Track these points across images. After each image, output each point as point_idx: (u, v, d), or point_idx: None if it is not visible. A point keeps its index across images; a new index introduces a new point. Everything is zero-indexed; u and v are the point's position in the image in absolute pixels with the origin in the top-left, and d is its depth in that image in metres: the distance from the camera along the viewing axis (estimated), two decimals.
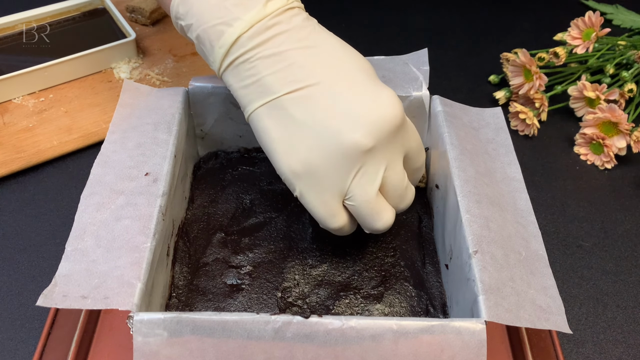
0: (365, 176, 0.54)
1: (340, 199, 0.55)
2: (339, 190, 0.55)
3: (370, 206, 0.55)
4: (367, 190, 0.55)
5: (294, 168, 0.54)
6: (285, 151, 0.55)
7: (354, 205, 0.55)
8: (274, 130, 0.55)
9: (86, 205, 0.55)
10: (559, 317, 0.50)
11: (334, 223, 0.56)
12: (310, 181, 0.54)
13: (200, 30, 0.57)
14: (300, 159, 0.54)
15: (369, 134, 0.53)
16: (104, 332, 0.60)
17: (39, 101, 0.85)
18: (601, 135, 0.81)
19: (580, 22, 0.85)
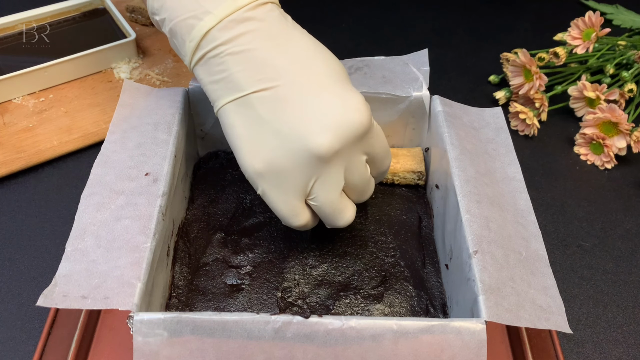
0: (329, 178, 0.55)
1: (303, 198, 0.56)
2: (301, 190, 0.55)
3: (334, 206, 0.57)
4: (330, 192, 0.56)
5: (257, 167, 0.54)
6: (250, 150, 0.55)
7: (316, 205, 0.56)
8: (240, 127, 0.55)
9: (86, 206, 0.55)
10: (559, 317, 0.50)
11: (297, 222, 0.57)
12: (273, 181, 0.55)
13: (172, 24, 0.57)
14: (264, 158, 0.54)
15: (335, 138, 0.53)
16: (104, 332, 0.60)
17: (39, 101, 0.85)
18: (601, 135, 0.81)
19: (580, 22, 0.85)
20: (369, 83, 0.69)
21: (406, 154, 0.71)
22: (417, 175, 0.70)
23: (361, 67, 0.71)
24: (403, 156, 0.71)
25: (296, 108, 0.53)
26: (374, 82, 0.69)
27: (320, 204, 0.56)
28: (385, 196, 0.70)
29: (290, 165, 0.54)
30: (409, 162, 0.70)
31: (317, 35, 0.59)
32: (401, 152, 0.71)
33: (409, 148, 0.72)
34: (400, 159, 0.70)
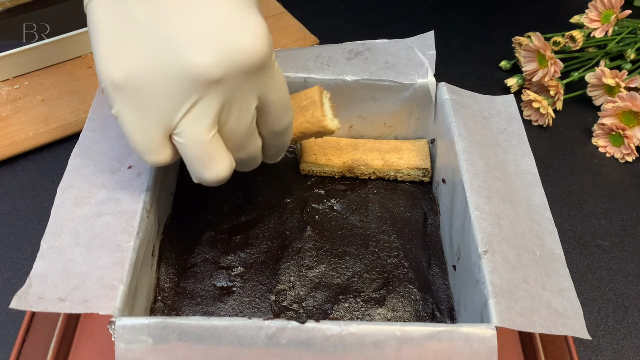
0: (202, 112, 0.49)
1: (166, 132, 0.50)
2: (165, 119, 0.49)
3: (202, 149, 0.50)
4: (201, 129, 0.49)
5: (115, 77, 0.48)
6: (111, 54, 0.48)
7: (182, 143, 0.50)
8: (106, 27, 0.49)
9: (63, 199, 0.55)
10: (576, 321, 0.50)
11: (152, 158, 0.51)
12: (132, 99, 0.48)
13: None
14: (125, 67, 0.48)
15: (219, 63, 0.47)
16: (83, 338, 0.60)
17: (13, 89, 0.85)
18: (621, 125, 0.81)
19: (598, 3, 0.85)
20: (370, 69, 0.69)
21: (410, 148, 0.71)
22: (422, 172, 0.70)
23: (362, 51, 0.71)
24: (407, 150, 0.71)
25: (180, 16, 0.48)
26: (376, 67, 0.69)
27: (187, 142, 0.50)
28: (387, 191, 0.70)
29: (156, 82, 0.48)
30: (413, 158, 0.70)
31: (314, 17, 0.59)
32: (405, 146, 0.71)
33: (413, 140, 0.72)
34: (403, 153, 0.70)
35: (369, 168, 0.70)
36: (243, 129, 0.52)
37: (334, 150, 0.70)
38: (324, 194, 0.69)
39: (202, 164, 0.51)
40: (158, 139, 0.50)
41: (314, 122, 0.60)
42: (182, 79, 0.47)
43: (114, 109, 0.49)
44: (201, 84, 0.47)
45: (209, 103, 0.48)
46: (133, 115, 0.49)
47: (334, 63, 0.70)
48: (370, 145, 0.71)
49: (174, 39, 0.47)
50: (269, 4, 1.00)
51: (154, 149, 0.50)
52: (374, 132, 0.73)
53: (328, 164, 0.69)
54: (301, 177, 0.70)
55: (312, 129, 0.61)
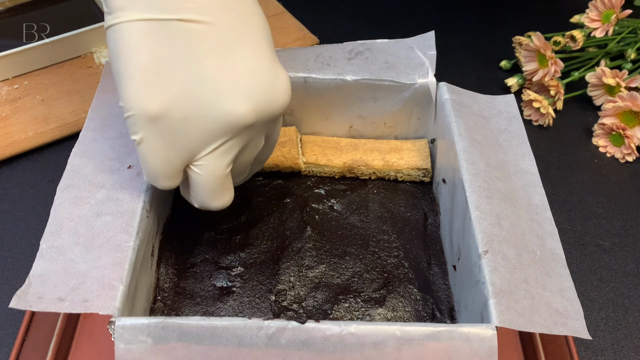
0: (227, 151, 0.52)
1: (187, 161, 0.52)
2: (191, 152, 0.51)
3: (219, 182, 0.54)
4: (222, 165, 0.53)
5: (150, 107, 0.49)
6: (148, 83, 0.49)
7: (200, 175, 0.53)
8: (147, 54, 0.49)
9: (63, 199, 0.55)
10: (577, 321, 0.50)
11: (165, 184, 0.53)
12: (164, 131, 0.50)
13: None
14: (165, 99, 0.49)
15: (255, 112, 0.51)
16: (83, 338, 0.60)
17: (13, 88, 0.85)
18: (622, 125, 0.81)
19: (599, 3, 0.85)
20: (370, 69, 0.69)
21: (411, 148, 0.71)
22: (422, 173, 0.70)
23: (362, 51, 0.71)
24: (407, 150, 0.71)
25: (223, 57, 0.50)
26: (376, 67, 0.69)
27: (206, 175, 0.53)
28: (388, 191, 0.69)
29: (194, 120, 0.50)
30: (413, 158, 0.70)
31: (314, 17, 0.59)
32: (405, 146, 0.71)
33: (414, 140, 0.72)
34: (404, 154, 0.70)
35: (369, 168, 0.70)
36: (249, 163, 0.57)
37: (334, 151, 0.70)
38: (324, 194, 0.69)
39: (214, 194, 0.54)
40: (177, 169, 0.53)
41: (289, 157, 0.69)
42: (219, 121, 0.50)
43: (138, 136, 0.50)
44: (235, 129, 0.51)
45: (235, 144, 0.52)
46: (159, 145, 0.51)
47: (334, 63, 0.70)
48: (370, 146, 0.71)
49: (216, 83, 0.50)
50: (269, 4, 1.00)
51: (172, 176, 0.53)
52: (374, 132, 0.73)
53: (328, 164, 0.69)
54: (301, 177, 0.70)
55: (286, 163, 0.69)
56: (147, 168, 0.52)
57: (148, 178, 0.53)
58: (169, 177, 0.53)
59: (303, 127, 0.73)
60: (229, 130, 0.51)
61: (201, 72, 0.49)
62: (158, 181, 0.53)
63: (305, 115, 0.72)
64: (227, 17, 0.50)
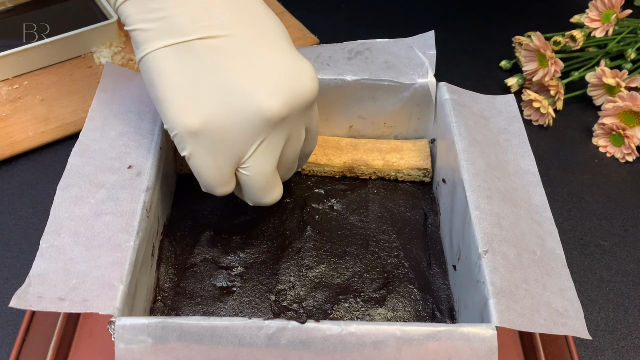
0: (269, 147, 0.54)
1: (236, 166, 0.55)
2: (237, 156, 0.54)
3: (267, 179, 0.56)
4: (268, 163, 0.55)
5: (192, 124, 0.52)
6: (185, 103, 0.52)
7: (249, 176, 0.56)
8: (176, 76, 0.52)
9: (63, 198, 0.55)
10: (577, 321, 0.50)
11: (221, 190, 0.57)
12: (208, 142, 0.53)
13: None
14: (202, 114, 0.52)
15: (286, 103, 0.53)
16: (83, 338, 0.60)
17: (13, 88, 0.85)
18: (622, 125, 0.81)
19: (599, 3, 0.85)
20: (370, 68, 0.69)
21: (411, 148, 0.71)
22: (422, 172, 0.70)
23: (362, 50, 0.71)
24: (407, 150, 0.71)
25: (247, 64, 0.52)
26: (376, 67, 0.69)
27: (254, 175, 0.55)
28: (388, 192, 0.69)
29: (232, 126, 0.52)
30: (413, 158, 0.70)
31: (314, 16, 0.59)
32: (405, 146, 0.71)
33: (414, 140, 0.72)
34: (404, 153, 0.70)
35: (369, 168, 0.70)
36: (295, 157, 0.59)
37: (335, 150, 0.70)
38: (324, 194, 0.69)
39: (264, 192, 0.57)
40: (229, 174, 0.56)
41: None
42: (254, 120, 0.52)
43: (187, 151, 0.54)
44: (271, 123, 0.53)
45: (276, 139, 0.54)
46: (207, 155, 0.54)
47: (334, 63, 0.70)
48: (370, 145, 0.71)
49: (245, 87, 0.52)
50: (269, 4, 0.99)
51: (225, 182, 0.56)
52: (374, 132, 0.73)
53: (328, 164, 0.69)
54: (301, 177, 0.70)
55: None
56: (201, 179, 0.56)
57: (204, 188, 0.57)
58: (223, 183, 0.56)
59: None
60: (265, 127, 0.53)
61: (230, 81, 0.52)
62: (214, 189, 0.56)
63: None
64: (242, 26, 0.53)
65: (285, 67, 0.53)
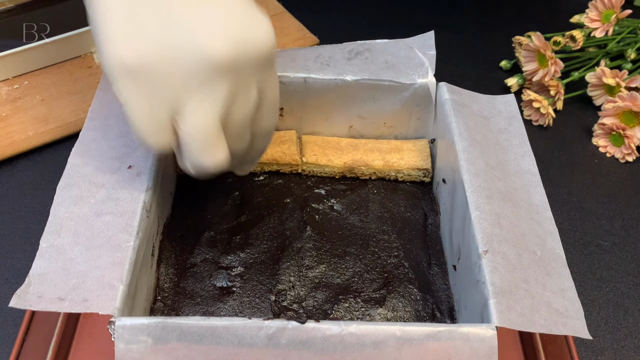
0: (210, 97, 0.50)
1: (172, 115, 0.50)
2: (173, 102, 0.50)
3: (206, 134, 0.50)
4: (207, 114, 0.50)
5: (127, 59, 0.48)
6: (123, 36, 0.48)
7: (186, 126, 0.50)
8: (115, 8, 0.49)
9: (63, 198, 0.55)
10: (577, 321, 0.50)
11: (156, 139, 0.51)
12: (142, 81, 0.49)
13: None
14: (139, 49, 0.48)
15: (233, 50, 0.48)
16: (83, 338, 0.60)
17: (13, 88, 0.85)
18: (621, 125, 0.81)
19: (599, 3, 0.85)
20: (370, 69, 0.69)
21: (411, 148, 0.71)
22: (422, 173, 0.70)
23: (362, 51, 0.71)
24: (407, 150, 0.71)
25: (197, 4, 0.49)
26: (376, 67, 0.69)
27: (192, 126, 0.50)
28: (388, 192, 0.69)
29: (170, 64, 0.48)
30: (413, 158, 0.70)
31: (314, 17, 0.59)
32: (405, 146, 0.71)
33: (414, 140, 0.72)
34: (404, 154, 0.70)
35: (369, 168, 0.70)
36: (243, 120, 0.53)
37: (335, 151, 0.70)
38: (324, 194, 0.69)
39: (204, 150, 0.51)
40: (162, 122, 0.50)
41: (288, 154, 0.70)
42: (196, 61, 0.48)
43: (123, 95, 0.49)
44: (214, 68, 0.48)
45: (218, 89, 0.49)
46: (141, 99, 0.49)
47: (333, 63, 0.69)
48: (370, 146, 0.71)
49: (189, 24, 0.48)
50: (269, 4, 0.99)
51: (159, 129, 0.50)
52: (374, 132, 0.73)
53: (329, 164, 0.69)
54: (301, 177, 0.70)
55: (285, 159, 0.69)
56: (133, 125, 0.51)
57: (137, 137, 0.51)
58: (157, 130, 0.50)
59: (303, 127, 0.73)
60: (208, 71, 0.49)
61: (175, 18, 0.49)
62: (147, 138, 0.51)
63: (305, 115, 0.72)
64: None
65: (239, 15, 0.50)
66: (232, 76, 0.50)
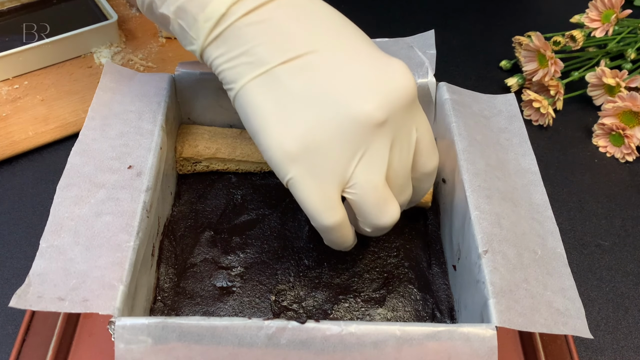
0: (373, 158, 0.51)
1: (341, 187, 0.51)
2: (341, 175, 0.51)
3: (377, 194, 0.52)
4: (375, 175, 0.51)
5: (289, 147, 0.50)
6: (279, 129, 0.51)
7: (356, 194, 0.51)
8: (267, 105, 0.51)
9: (63, 198, 0.55)
10: (578, 320, 0.50)
11: (330, 218, 0.52)
12: (308, 163, 0.50)
13: (180, 2, 0.53)
14: (297, 135, 0.50)
15: (382, 105, 0.50)
16: (83, 338, 0.60)
17: (13, 88, 0.85)
18: (621, 125, 0.81)
19: (599, 3, 0.85)
20: None
21: None
22: None
23: None
24: None
25: (332, 76, 0.51)
26: None
27: (363, 192, 0.51)
28: None
29: (330, 141, 0.50)
30: None
31: None
32: None
33: None
34: None
35: None
36: (406, 170, 0.54)
37: None
38: None
39: (379, 209, 0.52)
40: (334, 198, 0.52)
41: None
42: (352, 128, 0.50)
43: (288, 177, 0.51)
44: (370, 129, 0.50)
45: (379, 147, 0.51)
46: (309, 178, 0.51)
47: None
48: None
49: (336, 95, 0.50)
50: None
51: (332, 206, 0.52)
52: None
53: None
54: None
55: None
56: (305, 205, 0.52)
57: (312, 218, 0.53)
58: (331, 207, 0.52)
59: None
60: (365, 134, 0.50)
61: (320, 96, 0.50)
62: (321, 217, 0.52)
63: None
64: (323, 40, 0.52)
65: (374, 69, 0.51)
66: (389, 129, 0.51)
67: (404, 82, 0.51)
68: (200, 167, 0.69)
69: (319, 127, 0.50)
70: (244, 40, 0.52)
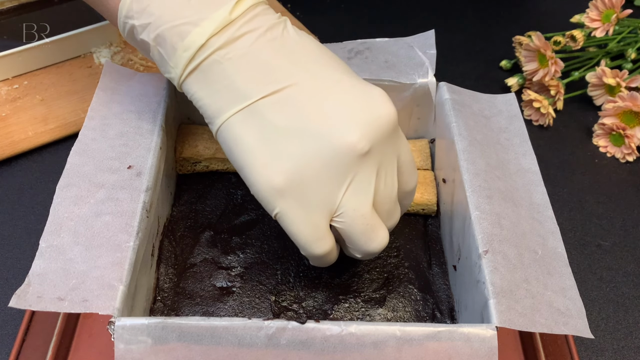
0: (360, 186, 0.51)
1: (329, 217, 0.52)
2: (328, 206, 0.51)
3: (365, 222, 0.52)
4: (362, 203, 0.52)
5: (275, 182, 0.50)
6: (264, 164, 0.51)
7: (344, 222, 0.52)
8: (250, 140, 0.51)
9: (62, 198, 0.55)
10: (579, 320, 0.50)
11: (320, 248, 0.52)
12: (295, 196, 0.51)
13: (160, 30, 0.53)
14: (284, 169, 0.50)
15: (365, 135, 0.50)
16: (83, 338, 0.60)
17: (12, 88, 0.85)
18: (622, 125, 0.81)
19: (599, 3, 0.85)
20: (370, 68, 0.69)
21: (411, 148, 0.71)
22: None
23: (362, 50, 0.71)
24: None
25: (314, 108, 0.51)
26: (376, 67, 0.69)
27: (350, 220, 0.52)
28: None
29: (316, 174, 0.50)
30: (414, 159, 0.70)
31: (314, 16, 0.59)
32: None
33: (414, 141, 0.72)
34: None
35: None
36: (392, 196, 0.55)
37: None
38: None
39: (368, 236, 0.53)
40: (323, 228, 0.52)
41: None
42: (337, 160, 0.50)
43: (276, 211, 0.51)
44: (355, 159, 0.50)
45: (365, 176, 0.51)
46: (298, 211, 0.51)
47: None
48: None
49: (319, 130, 0.50)
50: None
51: (321, 236, 0.52)
52: None
53: None
54: None
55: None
56: (295, 236, 0.52)
57: (302, 249, 0.53)
58: (320, 238, 0.52)
59: None
60: (350, 164, 0.50)
61: (302, 129, 0.51)
62: (311, 248, 0.52)
63: None
64: (302, 72, 0.52)
65: (355, 99, 0.52)
66: (372, 158, 0.51)
67: (385, 110, 0.52)
68: (200, 167, 0.69)
69: (304, 161, 0.50)
70: (224, 74, 0.52)
